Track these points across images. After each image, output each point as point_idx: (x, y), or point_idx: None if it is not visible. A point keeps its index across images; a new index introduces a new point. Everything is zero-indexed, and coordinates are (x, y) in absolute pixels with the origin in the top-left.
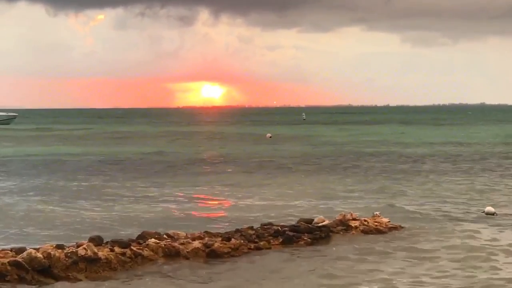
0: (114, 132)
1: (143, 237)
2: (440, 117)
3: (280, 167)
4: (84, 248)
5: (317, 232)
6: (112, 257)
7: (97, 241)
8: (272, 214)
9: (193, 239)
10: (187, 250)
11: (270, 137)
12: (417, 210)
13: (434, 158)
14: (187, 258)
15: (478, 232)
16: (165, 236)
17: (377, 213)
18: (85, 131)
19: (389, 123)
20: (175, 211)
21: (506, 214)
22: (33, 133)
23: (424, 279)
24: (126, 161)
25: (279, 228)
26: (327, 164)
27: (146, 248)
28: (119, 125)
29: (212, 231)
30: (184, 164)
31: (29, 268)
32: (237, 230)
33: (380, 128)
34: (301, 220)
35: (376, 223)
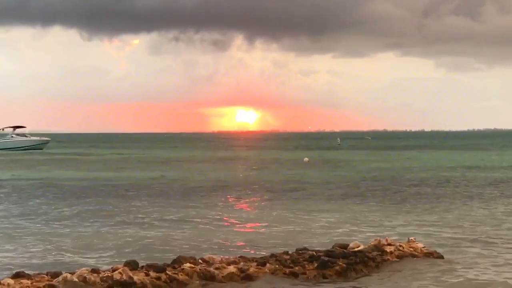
0: (153, 157)
1: (178, 261)
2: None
3: (314, 192)
4: (120, 273)
5: (352, 257)
6: (147, 281)
7: (132, 265)
8: (307, 239)
9: (228, 264)
10: (222, 275)
11: (308, 161)
12: (453, 237)
13: (475, 183)
14: (222, 283)
15: None
16: (200, 260)
17: (413, 238)
18: (119, 155)
19: (431, 149)
20: (210, 235)
21: None
22: (66, 157)
23: None
24: (161, 185)
25: (314, 253)
26: (361, 189)
27: (181, 273)
28: (157, 150)
29: (247, 256)
30: (219, 188)
31: None
32: (272, 255)
33: (418, 154)
34: (336, 245)
35: (411, 248)
